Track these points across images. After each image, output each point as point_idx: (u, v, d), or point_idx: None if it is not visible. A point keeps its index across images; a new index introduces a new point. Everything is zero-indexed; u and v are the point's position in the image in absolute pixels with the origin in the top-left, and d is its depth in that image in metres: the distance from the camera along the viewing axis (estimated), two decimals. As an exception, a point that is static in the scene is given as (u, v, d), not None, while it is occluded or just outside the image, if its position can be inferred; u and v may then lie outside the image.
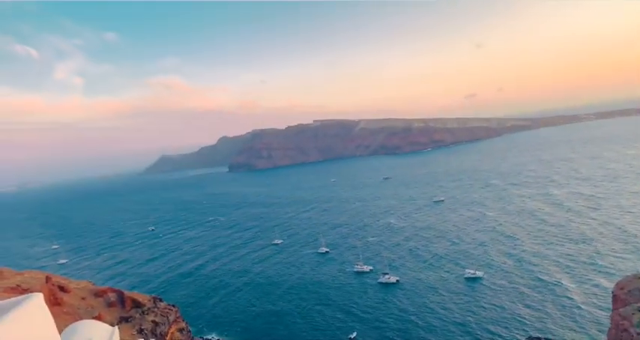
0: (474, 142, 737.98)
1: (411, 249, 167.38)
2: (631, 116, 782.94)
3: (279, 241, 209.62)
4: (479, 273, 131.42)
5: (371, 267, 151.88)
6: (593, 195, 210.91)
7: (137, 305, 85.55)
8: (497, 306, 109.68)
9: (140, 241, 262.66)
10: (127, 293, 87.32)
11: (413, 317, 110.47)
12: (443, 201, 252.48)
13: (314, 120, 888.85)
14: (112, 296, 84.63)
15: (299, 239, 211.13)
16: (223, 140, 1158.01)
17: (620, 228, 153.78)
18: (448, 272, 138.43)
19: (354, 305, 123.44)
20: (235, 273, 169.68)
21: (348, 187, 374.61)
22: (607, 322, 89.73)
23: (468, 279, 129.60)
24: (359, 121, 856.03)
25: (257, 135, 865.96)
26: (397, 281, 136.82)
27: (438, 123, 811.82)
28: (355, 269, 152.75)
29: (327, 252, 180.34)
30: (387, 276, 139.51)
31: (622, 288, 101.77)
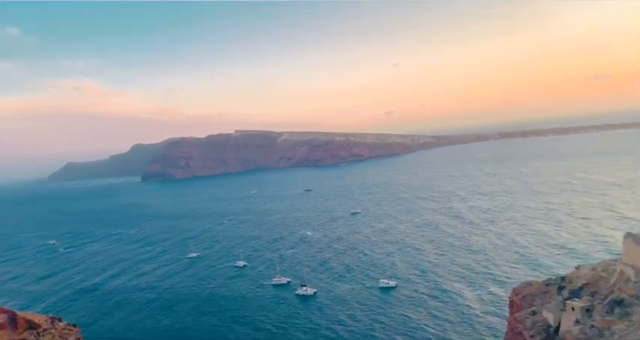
0: (390, 157, 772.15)
1: (327, 260, 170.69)
2: (528, 137, 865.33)
3: (194, 254, 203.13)
4: (392, 283, 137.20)
5: (289, 279, 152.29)
6: (490, 209, 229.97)
7: (32, 326, 78.22)
8: (405, 316, 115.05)
9: (39, 255, 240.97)
10: (19, 313, 79.77)
11: (326, 331, 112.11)
12: (359, 213, 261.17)
13: (236, 131, 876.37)
14: (1, 318, 76.96)
15: (215, 252, 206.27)
16: (137, 148, 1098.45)
17: (512, 240, 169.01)
18: (363, 282, 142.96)
19: (267, 320, 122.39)
20: (142, 289, 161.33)
21: (268, 199, 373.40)
22: (503, 327, 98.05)
23: (382, 289, 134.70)
24: (282, 133, 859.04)
25: (175, 144, 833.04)
26: (315, 293, 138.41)
27: (357, 137, 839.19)
28: (273, 282, 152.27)
29: (244, 265, 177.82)
30: (304, 288, 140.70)
31: (517, 294, 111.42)
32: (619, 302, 75.80)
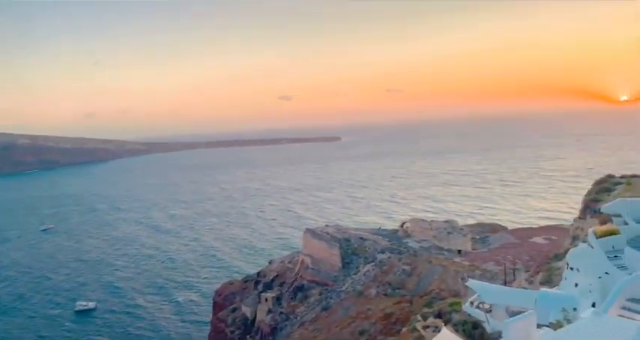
0: (91, 164, 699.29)
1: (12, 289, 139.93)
2: (234, 147, 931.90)
3: None
4: (91, 304, 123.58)
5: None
6: (189, 216, 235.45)
7: None
8: (110, 336, 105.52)
9: None
10: None
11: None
12: (52, 228, 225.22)
13: None
14: None
15: None
16: None
17: (211, 245, 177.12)
18: (57, 307, 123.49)
19: None
20: None
21: None
22: (207, 330, 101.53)
23: (80, 313, 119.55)
24: None
25: None
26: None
27: (50, 141, 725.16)
28: None
29: None
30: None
31: (220, 295, 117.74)
32: (300, 288, 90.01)
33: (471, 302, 27.94)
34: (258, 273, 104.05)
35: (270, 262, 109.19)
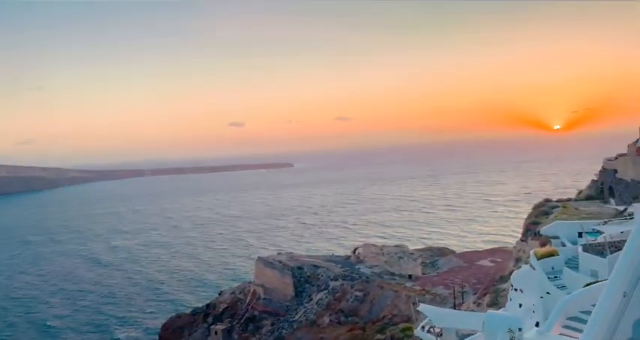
0: (27, 194, 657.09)
1: None
2: (184, 174, 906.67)
3: None
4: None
5: None
6: (132, 247, 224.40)
7: None
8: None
9: None
10: None
11: None
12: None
13: None
14: None
15: None
16: None
17: (156, 278, 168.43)
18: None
19: None
20: None
21: None
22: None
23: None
24: None
25: None
26: None
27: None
28: None
29: None
30: None
31: (167, 329, 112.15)
32: (252, 319, 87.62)
33: (422, 327, 28.20)
34: (208, 305, 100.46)
35: (220, 293, 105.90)
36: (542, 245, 33.03)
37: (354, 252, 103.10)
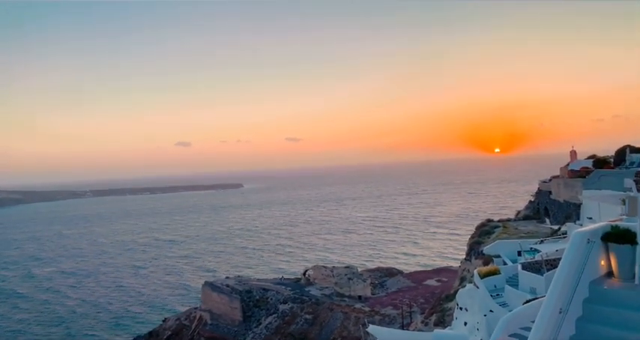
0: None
1: None
2: (135, 195, 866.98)
3: None
4: None
5: None
6: (73, 272, 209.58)
7: None
8: None
9: None
10: None
11: None
12: None
13: None
14: None
15: None
16: None
17: (97, 303, 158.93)
18: None
19: None
20: None
21: None
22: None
23: None
24: None
25: None
26: None
27: None
28: None
29: None
30: None
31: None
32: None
33: (372, 349, 28.32)
34: (150, 333, 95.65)
35: (165, 320, 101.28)
36: (486, 264, 34.42)
37: (304, 274, 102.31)
